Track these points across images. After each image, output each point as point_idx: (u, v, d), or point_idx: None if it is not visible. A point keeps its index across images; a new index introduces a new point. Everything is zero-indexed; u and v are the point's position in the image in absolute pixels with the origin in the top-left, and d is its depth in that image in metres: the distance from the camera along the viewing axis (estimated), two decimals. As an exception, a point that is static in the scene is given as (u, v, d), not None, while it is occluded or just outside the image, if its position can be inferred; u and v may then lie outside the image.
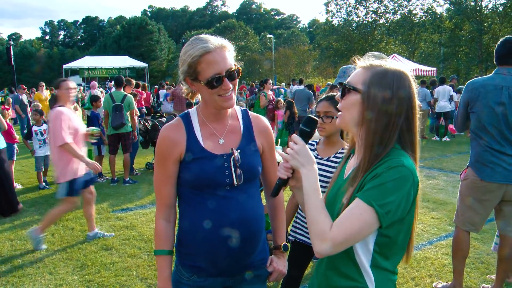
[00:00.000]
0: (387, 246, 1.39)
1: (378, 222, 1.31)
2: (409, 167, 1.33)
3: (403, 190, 1.31)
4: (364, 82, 1.40)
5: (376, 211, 1.29)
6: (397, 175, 1.31)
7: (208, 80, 1.62)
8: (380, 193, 1.30)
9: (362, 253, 1.39)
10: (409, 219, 1.39)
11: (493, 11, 28.21)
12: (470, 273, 4.03)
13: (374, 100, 1.37)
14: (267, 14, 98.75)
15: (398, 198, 1.30)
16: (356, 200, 1.33)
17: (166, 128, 1.80)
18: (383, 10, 35.29)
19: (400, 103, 1.37)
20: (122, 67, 35.05)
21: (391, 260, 1.42)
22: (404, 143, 1.40)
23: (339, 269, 1.45)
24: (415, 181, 1.34)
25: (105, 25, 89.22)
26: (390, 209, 1.29)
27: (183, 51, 1.68)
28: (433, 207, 6.07)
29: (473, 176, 3.40)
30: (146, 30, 58.72)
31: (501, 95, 3.21)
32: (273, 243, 1.98)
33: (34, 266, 4.35)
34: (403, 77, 1.41)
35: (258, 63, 45.40)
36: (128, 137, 7.73)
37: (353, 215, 1.31)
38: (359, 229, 1.30)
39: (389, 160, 1.35)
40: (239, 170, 1.73)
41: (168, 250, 1.81)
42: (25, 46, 67.70)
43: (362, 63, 1.46)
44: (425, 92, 12.89)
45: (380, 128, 1.37)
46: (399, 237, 1.39)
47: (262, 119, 1.92)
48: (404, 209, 1.32)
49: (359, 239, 1.34)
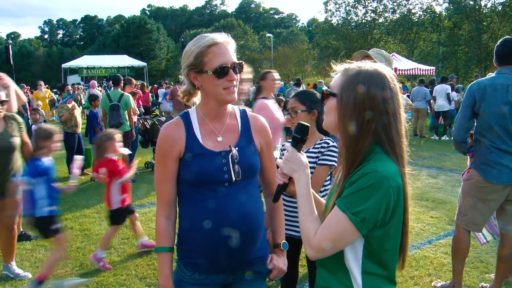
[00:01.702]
0: (376, 252, 1.38)
1: (356, 230, 1.31)
2: (384, 173, 1.30)
3: (377, 196, 1.29)
4: (338, 86, 1.41)
5: (350, 218, 1.30)
6: (369, 182, 1.29)
7: (216, 69, 1.67)
8: (353, 201, 1.31)
9: (351, 258, 1.39)
10: (395, 223, 1.37)
11: (492, 10, 28.29)
12: (469, 272, 4.04)
13: (346, 104, 1.37)
14: (266, 13, 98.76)
15: (373, 205, 1.29)
16: (335, 208, 1.35)
17: (166, 126, 1.84)
18: (382, 9, 35.36)
19: (372, 105, 1.35)
20: (121, 66, 35.00)
21: (384, 266, 1.41)
22: (384, 146, 1.37)
23: (332, 270, 1.46)
24: (392, 185, 1.31)
25: (104, 24, 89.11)
26: (364, 216, 1.29)
27: (189, 46, 1.75)
28: (432, 206, 6.07)
29: (478, 177, 3.38)
30: (145, 29, 58.67)
31: (508, 94, 3.20)
32: (273, 241, 2.00)
33: (33, 265, 4.34)
34: (376, 78, 1.37)
35: (257, 62, 45.39)
36: (126, 137, 7.69)
37: (331, 223, 1.34)
38: (338, 237, 1.33)
39: (365, 166, 1.34)
40: (237, 167, 1.76)
41: (169, 247, 1.82)
42: (24, 45, 67.59)
43: (339, 68, 1.46)
44: (425, 91, 12.91)
45: (353, 132, 1.36)
46: (386, 243, 1.37)
47: (260, 119, 1.95)
48: (383, 215, 1.31)
49: (343, 245, 1.36)
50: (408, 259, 4.61)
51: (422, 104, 12.95)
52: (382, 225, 1.33)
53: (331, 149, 2.62)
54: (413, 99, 12.74)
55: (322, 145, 2.64)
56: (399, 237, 1.42)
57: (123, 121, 7.56)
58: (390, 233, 1.37)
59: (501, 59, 3.33)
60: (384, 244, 1.37)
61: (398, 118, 1.39)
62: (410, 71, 20.54)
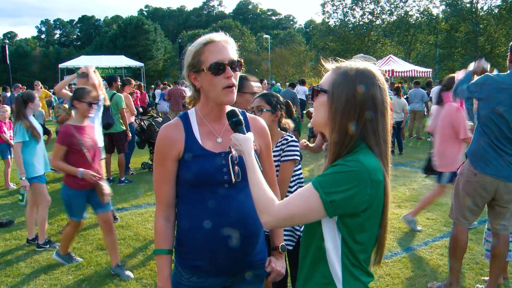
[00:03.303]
0: (349, 243, 1.37)
1: (323, 210, 1.31)
2: (366, 164, 1.32)
3: (353, 184, 1.30)
4: (330, 83, 1.43)
5: (320, 197, 1.31)
6: (350, 169, 1.31)
7: (211, 65, 1.67)
8: (329, 181, 1.32)
9: (332, 250, 1.38)
10: (369, 217, 1.36)
11: (488, 13, 28.39)
12: (465, 273, 4.05)
13: (337, 99, 1.39)
14: (264, 14, 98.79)
15: (347, 191, 1.30)
16: (308, 184, 1.37)
17: (165, 127, 1.82)
18: (380, 11, 35.45)
19: (362, 102, 1.36)
20: (118, 67, 34.88)
21: (357, 258, 1.40)
22: (369, 143, 1.39)
23: (312, 263, 1.46)
24: (372, 178, 1.32)
25: (101, 24, 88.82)
26: (335, 199, 1.30)
27: (189, 48, 1.77)
28: (428, 208, 6.08)
29: (468, 170, 3.45)
30: (142, 30, 58.52)
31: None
32: (271, 244, 1.99)
33: (29, 266, 4.33)
34: (367, 75, 1.39)
35: (254, 63, 45.42)
36: (119, 137, 7.58)
37: (301, 196, 1.36)
38: (303, 211, 1.34)
39: (350, 155, 1.36)
40: (237, 168, 1.75)
41: (168, 250, 1.81)
42: (21, 45, 67.28)
43: (331, 65, 1.48)
44: (422, 92, 12.93)
45: (342, 127, 1.38)
46: (359, 235, 1.37)
47: (259, 120, 1.95)
48: (355, 204, 1.31)
49: (303, 221, 1.38)
50: (404, 261, 4.63)
51: (419, 106, 12.99)
52: (353, 214, 1.34)
53: (291, 143, 2.72)
54: (411, 101, 12.79)
55: (282, 142, 2.74)
56: (375, 233, 1.42)
57: (113, 121, 7.48)
58: (364, 226, 1.37)
59: None
60: (356, 236, 1.37)
61: (385, 116, 1.41)
62: (407, 73, 20.62)
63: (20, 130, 4.58)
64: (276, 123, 2.86)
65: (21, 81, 29.71)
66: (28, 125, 4.63)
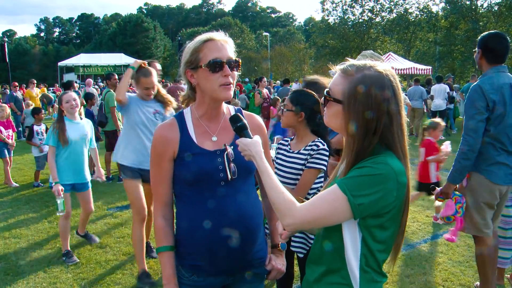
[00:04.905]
0: (368, 242, 1.37)
1: (350, 212, 1.31)
2: (394, 167, 1.32)
3: (382, 187, 1.30)
4: (343, 93, 1.40)
5: (348, 200, 1.30)
6: (379, 171, 1.31)
7: (210, 62, 1.66)
8: (357, 184, 1.31)
9: (351, 251, 1.38)
10: (391, 217, 1.37)
11: (488, 10, 28.33)
12: (464, 271, 4.05)
13: (354, 110, 1.37)
14: (263, 12, 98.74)
15: (375, 194, 1.30)
16: (334, 186, 1.35)
17: (160, 127, 1.82)
18: (379, 9, 35.35)
19: (378, 108, 1.35)
20: (117, 65, 34.82)
21: (375, 257, 1.40)
22: (389, 146, 1.39)
23: (328, 264, 1.46)
24: (399, 181, 1.33)
25: (100, 22, 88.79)
26: (363, 202, 1.29)
27: (187, 45, 1.76)
28: (428, 205, 6.08)
29: (483, 179, 3.25)
30: (141, 28, 58.49)
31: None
32: (271, 242, 1.99)
33: (28, 264, 4.32)
34: (380, 79, 1.38)
35: (253, 61, 45.40)
36: (111, 136, 7.45)
37: (327, 199, 1.34)
38: (329, 214, 1.33)
39: (376, 157, 1.35)
40: (233, 165, 1.74)
41: (170, 246, 1.81)
42: (20, 43, 67.23)
43: (340, 67, 1.45)
44: (421, 90, 12.87)
45: (360, 135, 1.37)
46: (379, 234, 1.37)
47: (255, 118, 1.94)
48: (381, 206, 1.32)
49: (327, 223, 1.37)
50: (403, 258, 4.62)
51: (419, 104, 12.95)
52: (377, 215, 1.34)
53: (321, 151, 2.59)
54: (410, 98, 12.77)
55: (312, 147, 2.61)
56: (395, 232, 1.42)
57: (106, 120, 7.40)
58: (385, 225, 1.37)
59: (498, 58, 3.21)
60: (378, 235, 1.37)
61: (401, 115, 1.41)
62: (407, 70, 20.59)
63: (48, 133, 4.34)
64: (304, 124, 2.69)
65: (21, 79, 29.74)
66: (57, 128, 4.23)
